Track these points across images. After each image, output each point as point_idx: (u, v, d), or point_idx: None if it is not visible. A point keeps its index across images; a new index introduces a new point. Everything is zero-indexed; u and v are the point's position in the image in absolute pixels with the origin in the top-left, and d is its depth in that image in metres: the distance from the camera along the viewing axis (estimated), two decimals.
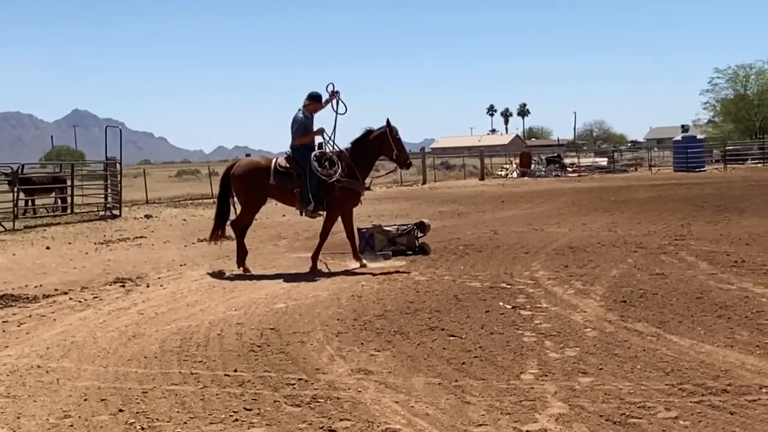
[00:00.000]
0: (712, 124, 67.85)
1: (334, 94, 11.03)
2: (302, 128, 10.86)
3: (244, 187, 11.00)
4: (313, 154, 10.69)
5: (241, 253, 10.97)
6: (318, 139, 10.99)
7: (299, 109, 10.94)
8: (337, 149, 10.97)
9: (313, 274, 10.31)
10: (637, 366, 5.53)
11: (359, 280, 9.54)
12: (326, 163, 10.64)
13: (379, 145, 10.99)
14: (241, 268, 10.80)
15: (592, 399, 4.85)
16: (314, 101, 10.96)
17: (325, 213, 10.99)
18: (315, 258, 10.83)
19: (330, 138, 10.95)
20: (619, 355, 5.83)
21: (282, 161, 10.88)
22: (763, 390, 4.88)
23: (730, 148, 50.83)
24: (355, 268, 10.58)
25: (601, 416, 4.53)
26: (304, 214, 10.97)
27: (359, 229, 12.09)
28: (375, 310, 7.77)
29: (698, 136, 50.11)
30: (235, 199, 11.34)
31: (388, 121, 10.94)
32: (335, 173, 10.59)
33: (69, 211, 23.66)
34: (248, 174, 10.96)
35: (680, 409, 4.60)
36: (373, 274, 10.00)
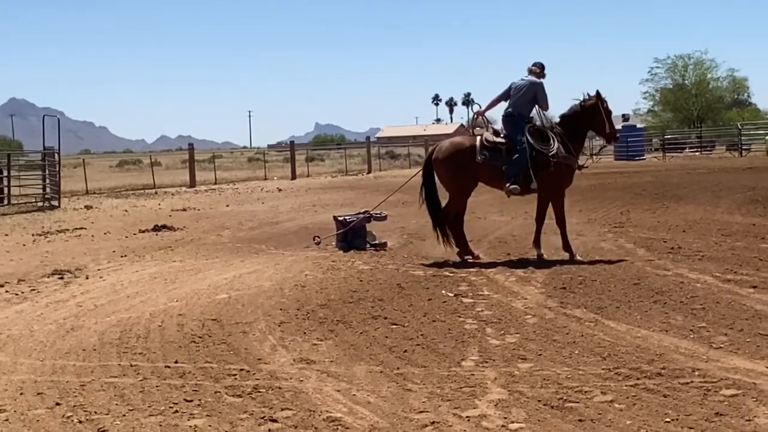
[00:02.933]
0: (651, 113, 69.11)
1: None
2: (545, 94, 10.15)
3: (450, 171, 10.13)
4: (527, 126, 10.03)
5: (461, 241, 10.14)
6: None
7: (527, 78, 10.17)
8: (550, 123, 10.24)
9: (540, 261, 9.65)
10: (575, 351, 5.63)
11: (303, 270, 9.51)
12: (541, 137, 9.94)
13: (592, 117, 10.11)
14: (468, 257, 10.01)
15: (531, 384, 4.93)
16: (541, 69, 10.31)
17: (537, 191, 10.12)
18: (537, 243, 10.06)
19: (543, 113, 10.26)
20: (557, 341, 5.92)
21: (490, 135, 10.12)
22: (696, 373, 5.00)
23: (669, 137, 51.90)
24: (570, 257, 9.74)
25: (539, 401, 4.60)
26: (510, 193, 10.05)
27: (335, 217, 11.83)
28: (318, 299, 7.77)
29: (638, 125, 51.07)
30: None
31: (598, 92, 10.08)
32: (554, 146, 9.83)
33: (5, 202, 23.11)
34: (453, 156, 10.09)
35: (616, 392, 4.70)
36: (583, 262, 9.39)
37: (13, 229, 16.50)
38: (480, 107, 10.68)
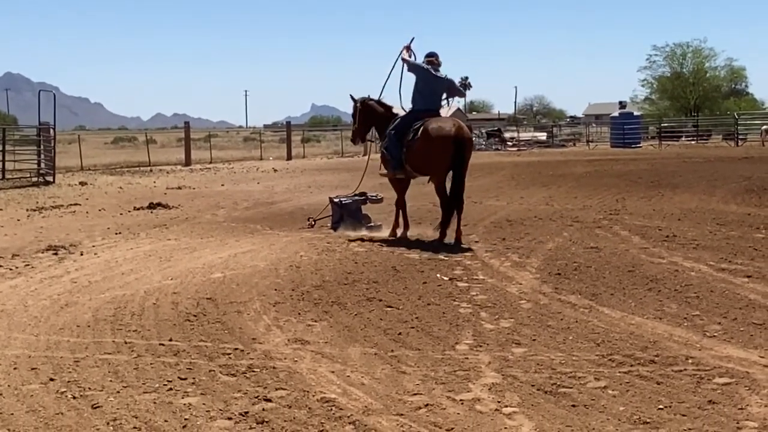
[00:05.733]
0: (648, 101, 69.11)
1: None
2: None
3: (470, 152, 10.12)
4: None
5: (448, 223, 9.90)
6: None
7: (440, 72, 10.43)
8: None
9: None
10: (569, 337, 5.64)
11: (298, 251, 9.50)
12: None
13: None
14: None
15: (525, 369, 4.94)
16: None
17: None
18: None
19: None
20: (552, 327, 5.93)
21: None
22: (689, 361, 5.02)
23: (666, 125, 51.90)
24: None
25: (532, 386, 4.61)
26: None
27: (331, 199, 11.73)
28: (313, 280, 7.76)
29: (635, 113, 51.10)
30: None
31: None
32: None
33: (0, 177, 23.02)
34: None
35: (609, 379, 4.71)
36: None
37: (7, 204, 16.46)
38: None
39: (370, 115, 10.97)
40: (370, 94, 11.18)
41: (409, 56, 10.64)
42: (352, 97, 11.19)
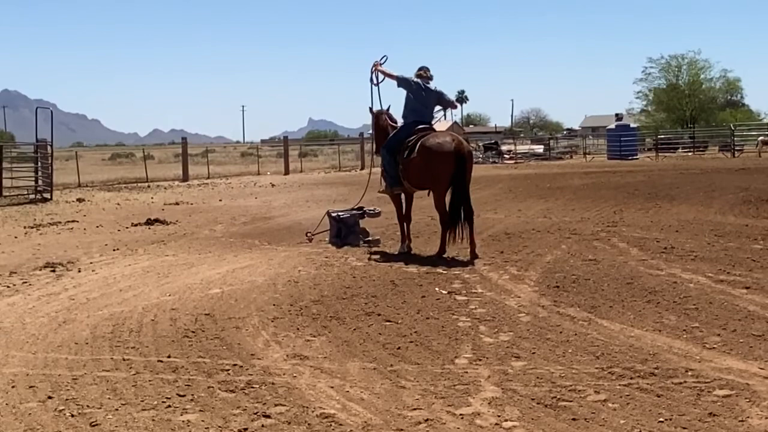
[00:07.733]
0: (645, 113, 69.33)
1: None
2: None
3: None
4: None
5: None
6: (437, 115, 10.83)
7: (431, 84, 10.45)
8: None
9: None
10: (568, 350, 5.63)
11: (296, 266, 9.49)
12: None
13: None
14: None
15: (525, 382, 4.92)
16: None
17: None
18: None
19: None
20: (551, 340, 5.92)
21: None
22: (689, 373, 5.01)
23: (662, 136, 52.03)
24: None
25: (532, 399, 4.60)
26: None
27: (329, 212, 11.71)
28: (311, 295, 7.75)
29: (631, 125, 51.20)
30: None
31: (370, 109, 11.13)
32: None
33: None
34: None
35: (609, 392, 4.70)
36: None
37: (5, 221, 16.43)
38: (381, 63, 10.83)
39: (376, 127, 11.02)
40: (391, 105, 11.22)
41: (374, 72, 10.83)
42: (370, 110, 11.16)
